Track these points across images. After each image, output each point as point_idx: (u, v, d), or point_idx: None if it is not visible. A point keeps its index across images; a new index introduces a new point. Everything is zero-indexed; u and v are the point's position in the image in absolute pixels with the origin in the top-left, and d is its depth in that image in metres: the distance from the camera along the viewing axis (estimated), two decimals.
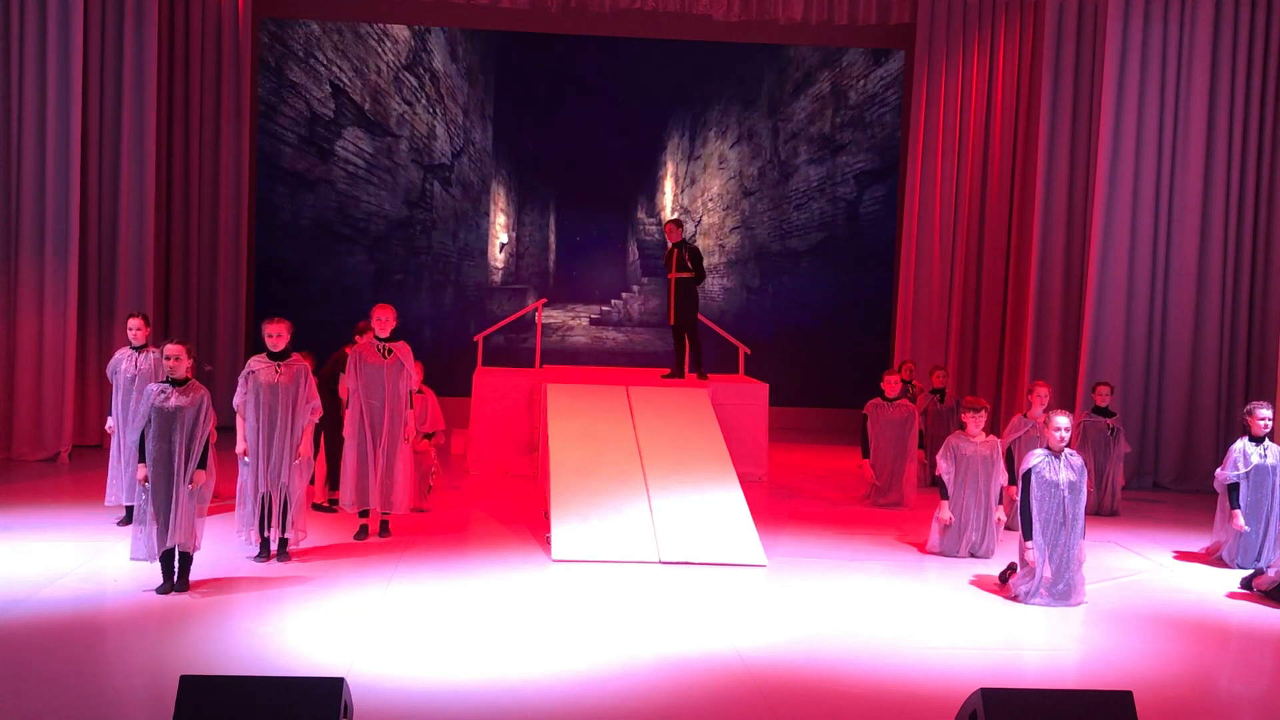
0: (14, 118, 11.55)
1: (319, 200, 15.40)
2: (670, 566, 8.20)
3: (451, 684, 5.70)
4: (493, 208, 15.97)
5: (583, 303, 16.18)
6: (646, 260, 16.33)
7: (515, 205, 16.02)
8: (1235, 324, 12.44)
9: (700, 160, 16.28)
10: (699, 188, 16.27)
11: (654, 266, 16.00)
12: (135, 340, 8.77)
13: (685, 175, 16.31)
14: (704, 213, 16.29)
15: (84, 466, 11.20)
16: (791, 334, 16.13)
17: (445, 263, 15.86)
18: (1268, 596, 7.84)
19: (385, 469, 8.58)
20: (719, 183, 16.30)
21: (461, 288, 15.94)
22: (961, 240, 14.52)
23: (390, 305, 8.72)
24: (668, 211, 16.19)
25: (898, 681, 6.02)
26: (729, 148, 16.28)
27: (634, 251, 16.35)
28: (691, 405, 10.55)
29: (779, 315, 16.18)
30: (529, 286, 16.09)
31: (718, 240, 16.30)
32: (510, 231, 16.04)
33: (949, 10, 14.52)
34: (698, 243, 15.48)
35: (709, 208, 16.31)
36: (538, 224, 16.19)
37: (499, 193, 15.94)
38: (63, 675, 5.64)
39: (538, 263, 16.22)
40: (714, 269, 16.16)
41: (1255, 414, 8.77)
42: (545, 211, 16.19)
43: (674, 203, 16.31)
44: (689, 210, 16.21)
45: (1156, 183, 12.40)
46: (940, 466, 8.75)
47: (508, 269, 16.12)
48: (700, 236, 16.17)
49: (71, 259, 11.61)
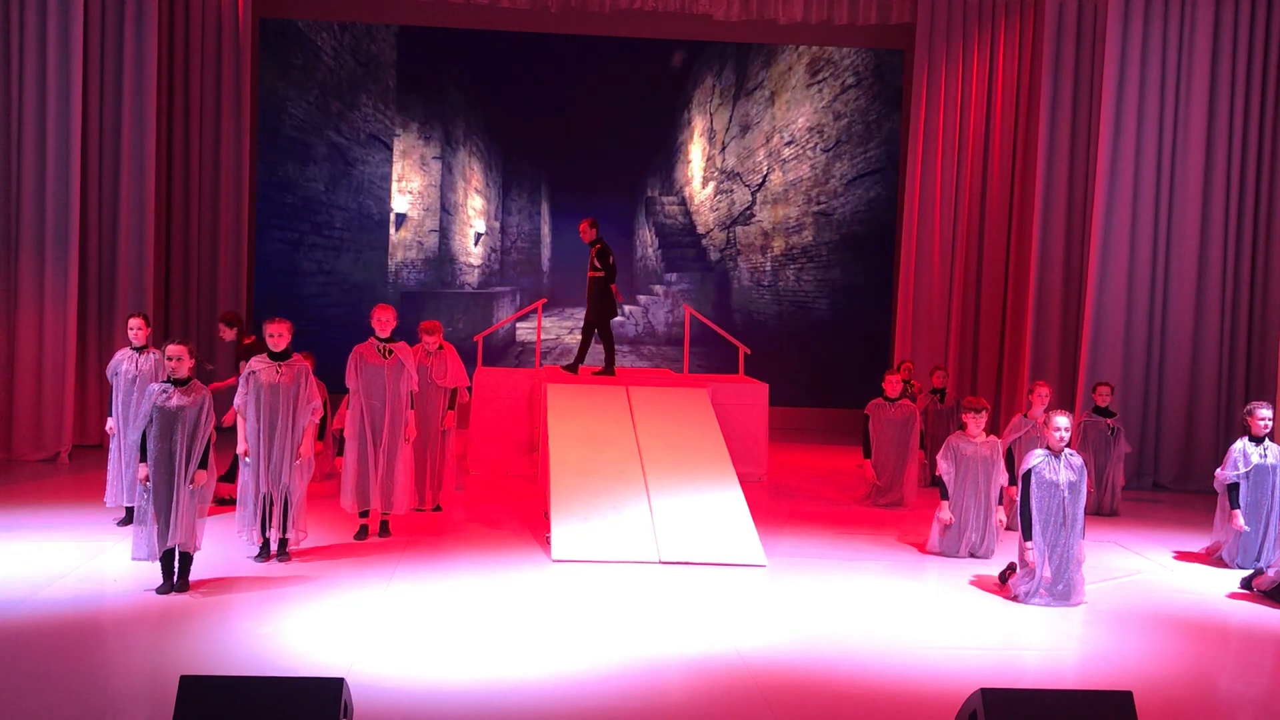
0: (14, 118, 11.55)
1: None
2: (670, 566, 8.20)
3: (451, 684, 5.70)
4: (463, 186, 14.83)
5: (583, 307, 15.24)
6: (672, 250, 14.92)
7: (498, 188, 15.06)
8: (1235, 324, 12.44)
9: (757, 98, 15.15)
10: (759, 137, 14.84)
11: (683, 259, 14.92)
12: (136, 340, 8.77)
13: (731, 121, 14.99)
14: (779, 160, 14.91)
15: (84, 466, 11.20)
16: (791, 334, 16.12)
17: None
18: (1268, 596, 7.84)
19: (386, 469, 8.60)
20: (805, 115, 15.12)
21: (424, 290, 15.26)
22: (961, 240, 14.52)
23: (390, 306, 8.76)
24: (697, 182, 15.48)
25: (898, 681, 6.02)
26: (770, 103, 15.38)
27: (650, 238, 15.06)
28: (691, 405, 10.54)
29: (779, 315, 16.16)
30: (514, 289, 15.00)
31: (788, 205, 15.29)
32: (492, 220, 15.06)
33: (949, 10, 14.52)
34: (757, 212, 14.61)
35: (786, 156, 15.01)
36: (527, 211, 15.20)
37: (472, 167, 14.84)
38: (63, 675, 5.64)
39: (529, 259, 15.37)
40: (792, 248, 15.04)
41: (1255, 414, 8.77)
42: (535, 196, 15.06)
43: (707, 167, 15.33)
44: (739, 173, 15.27)
45: (1156, 183, 12.40)
46: (940, 467, 8.75)
47: (489, 267, 15.30)
48: (769, 204, 15.12)
49: (71, 259, 11.61)
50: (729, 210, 15.99)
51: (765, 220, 15.99)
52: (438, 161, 15.66)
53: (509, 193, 15.65)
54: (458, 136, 15.63)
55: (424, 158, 15.63)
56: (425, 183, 15.70)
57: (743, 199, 15.93)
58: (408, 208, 15.67)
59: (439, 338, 9.51)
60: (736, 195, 15.96)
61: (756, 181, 15.74)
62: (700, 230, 16.04)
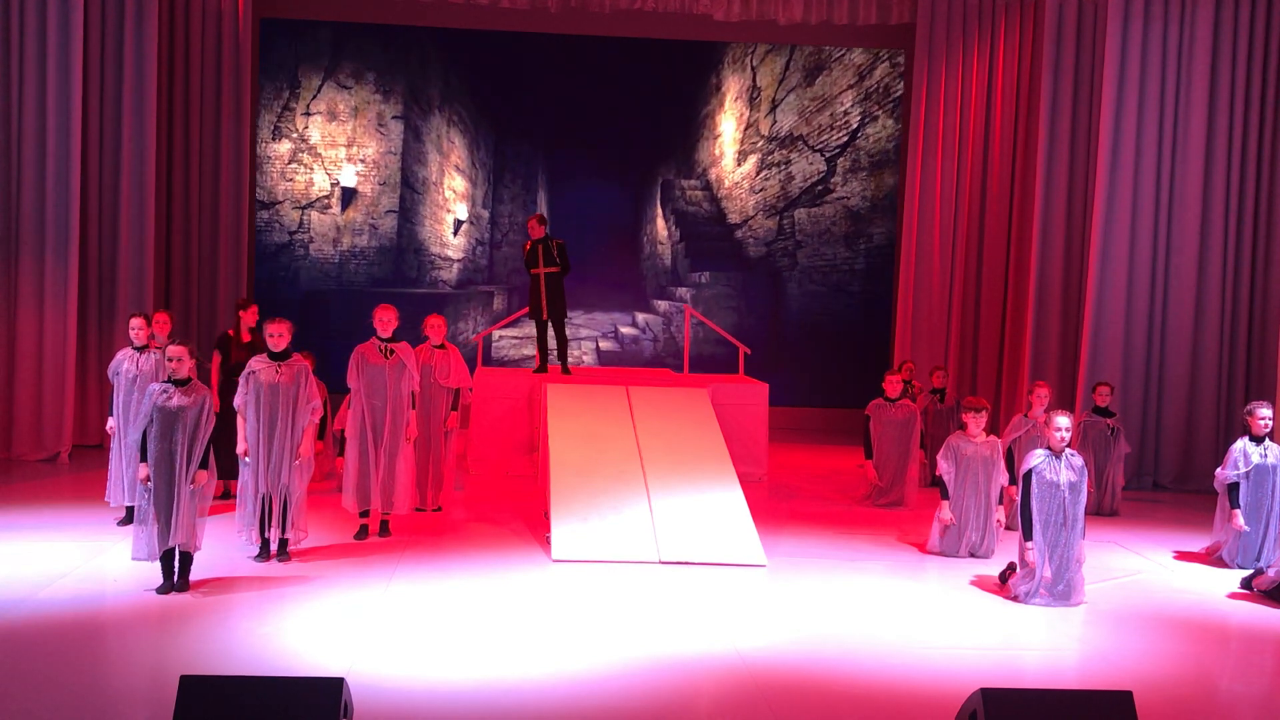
0: (14, 118, 11.55)
1: None
2: (670, 566, 8.20)
3: (451, 684, 5.70)
4: (438, 161, 12.51)
5: (593, 310, 13.28)
6: (698, 243, 12.44)
7: (488, 172, 13.10)
8: (1235, 324, 12.44)
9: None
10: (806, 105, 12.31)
11: (711, 251, 12.56)
12: (137, 340, 8.78)
13: (788, 67, 12.64)
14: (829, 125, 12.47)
15: (84, 466, 11.20)
16: (791, 334, 16.11)
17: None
18: (1268, 596, 7.84)
19: (386, 469, 8.60)
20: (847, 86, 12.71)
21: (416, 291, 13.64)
22: (961, 240, 14.52)
23: (392, 306, 8.77)
24: (729, 158, 13.85)
25: (898, 681, 6.02)
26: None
27: (662, 232, 12.95)
28: (691, 405, 10.55)
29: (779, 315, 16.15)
30: (504, 288, 13.07)
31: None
32: (479, 209, 13.14)
33: (949, 10, 14.52)
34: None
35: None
36: (520, 200, 13.25)
37: (451, 139, 12.63)
38: (63, 675, 5.64)
39: (520, 255, 12.95)
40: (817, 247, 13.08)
41: (1255, 414, 8.77)
42: (531, 183, 13.07)
43: (746, 137, 13.52)
44: (802, 137, 13.34)
45: (1156, 183, 12.40)
46: (940, 467, 8.75)
47: (473, 261, 13.37)
48: (860, 173, 12.68)
49: (71, 259, 11.61)
50: (783, 190, 13.81)
51: (854, 194, 13.33)
52: (399, 123, 13.43)
53: (501, 178, 13.76)
54: (431, 98, 13.35)
55: (381, 117, 13.44)
56: (382, 149, 13.45)
57: (809, 169, 13.51)
58: (356, 180, 13.54)
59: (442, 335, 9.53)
60: (798, 167, 13.73)
61: (839, 141, 13.09)
62: (734, 218, 13.95)
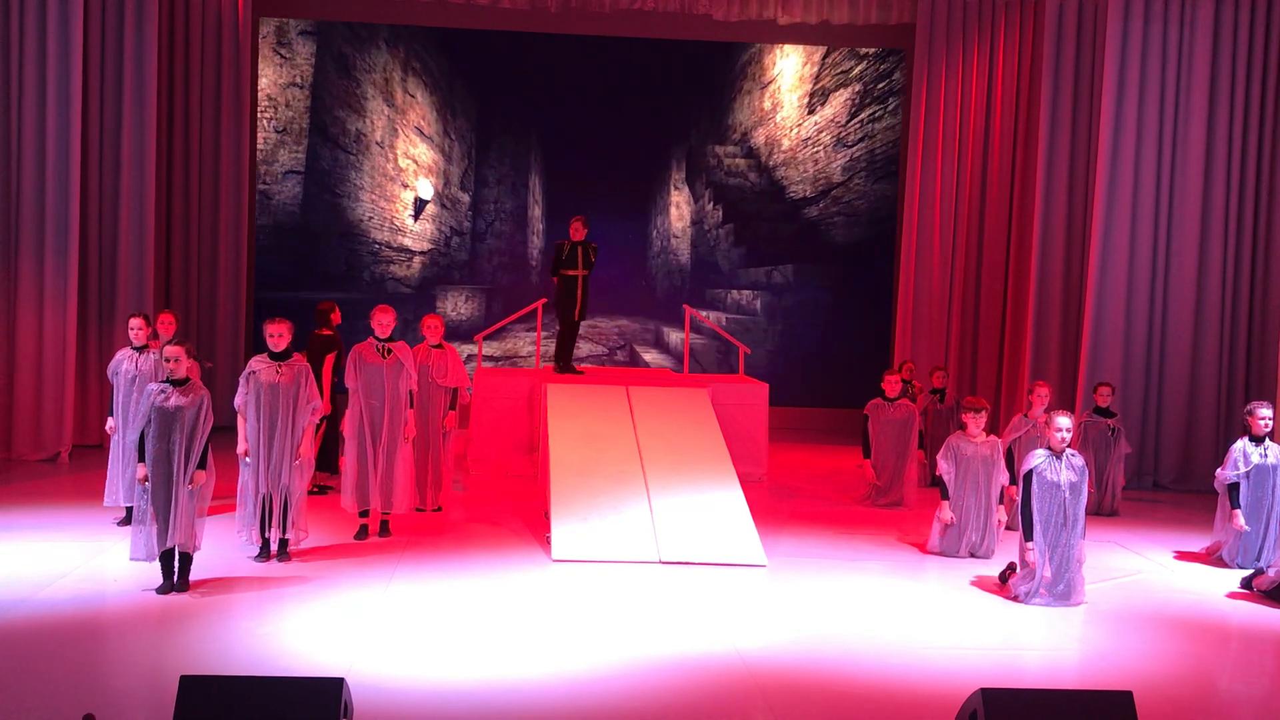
0: (14, 118, 11.55)
1: None
2: (670, 566, 8.20)
3: (451, 684, 5.70)
4: (385, 114, 9.61)
5: (600, 317, 10.81)
6: (748, 224, 10.10)
7: (468, 146, 10.32)
8: (1235, 324, 12.44)
9: None
10: None
11: (766, 237, 10.54)
12: (136, 340, 8.78)
13: None
14: None
15: (84, 466, 11.20)
16: (791, 334, 16.11)
17: None
18: (1268, 596, 7.84)
19: (385, 469, 8.60)
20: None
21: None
22: (961, 240, 14.52)
23: (390, 307, 8.79)
24: (791, 107, 12.70)
25: (898, 681, 6.02)
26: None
27: (713, 208, 10.65)
28: (691, 405, 10.55)
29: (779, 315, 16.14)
30: (488, 288, 10.64)
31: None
32: (456, 190, 10.57)
33: (949, 10, 14.52)
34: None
35: None
36: (509, 183, 10.92)
37: (412, 92, 9.87)
38: (63, 675, 5.64)
39: (511, 248, 11.08)
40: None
41: (1255, 414, 8.77)
42: (522, 162, 10.60)
43: (820, 74, 11.60)
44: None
45: (1156, 183, 12.40)
46: (940, 467, 8.75)
47: (445, 256, 10.79)
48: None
49: (71, 259, 11.61)
50: (886, 141, 10.95)
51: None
52: (308, 42, 9.95)
53: (485, 155, 11.34)
54: (377, 31, 10.34)
55: (283, 33, 10.15)
56: (281, 78, 10.29)
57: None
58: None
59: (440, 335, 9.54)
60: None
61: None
62: (795, 193, 11.43)
